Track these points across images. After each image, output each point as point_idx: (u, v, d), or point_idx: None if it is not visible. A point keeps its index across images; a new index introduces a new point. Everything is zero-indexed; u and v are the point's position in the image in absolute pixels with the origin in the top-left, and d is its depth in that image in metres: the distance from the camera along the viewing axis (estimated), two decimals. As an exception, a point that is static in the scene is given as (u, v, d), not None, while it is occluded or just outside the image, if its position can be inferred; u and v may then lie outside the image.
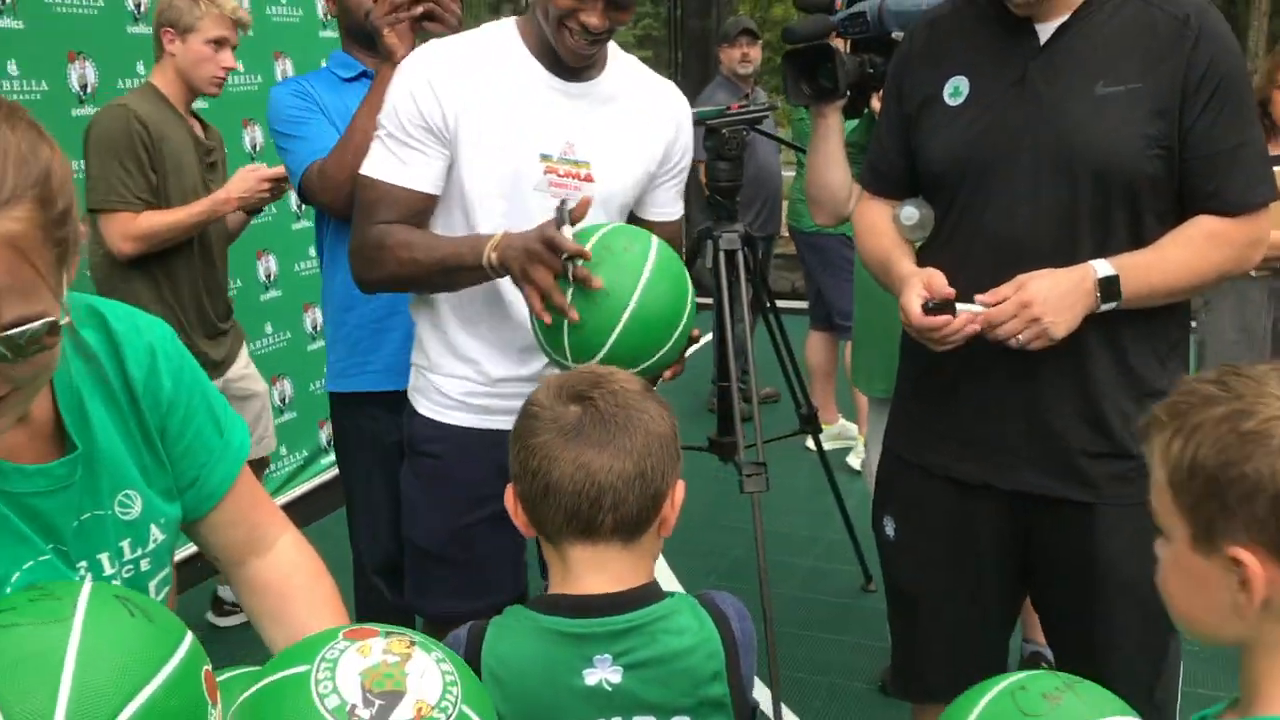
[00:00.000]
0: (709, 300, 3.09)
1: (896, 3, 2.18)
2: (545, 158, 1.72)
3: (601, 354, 1.51)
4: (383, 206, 1.72)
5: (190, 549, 1.33)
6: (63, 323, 0.93)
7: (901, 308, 1.65)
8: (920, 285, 1.62)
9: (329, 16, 4.21)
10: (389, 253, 1.70)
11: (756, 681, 2.61)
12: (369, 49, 2.39)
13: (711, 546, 3.67)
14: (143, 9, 3.40)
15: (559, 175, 1.73)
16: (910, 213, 1.76)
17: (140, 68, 3.40)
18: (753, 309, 3.02)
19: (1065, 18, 1.63)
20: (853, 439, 4.61)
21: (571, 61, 1.70)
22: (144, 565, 1.16)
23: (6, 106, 0.92)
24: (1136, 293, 1.58)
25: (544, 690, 1.12)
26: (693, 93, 7.22)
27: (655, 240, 1.59)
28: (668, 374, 1.62)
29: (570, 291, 1.52)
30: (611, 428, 1.13)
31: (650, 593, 1.17)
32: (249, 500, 1.29)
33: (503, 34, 1.76)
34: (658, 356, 1.56)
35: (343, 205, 2.21)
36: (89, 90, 3.22)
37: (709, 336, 5.60)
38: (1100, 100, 1.59)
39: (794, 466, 4.08)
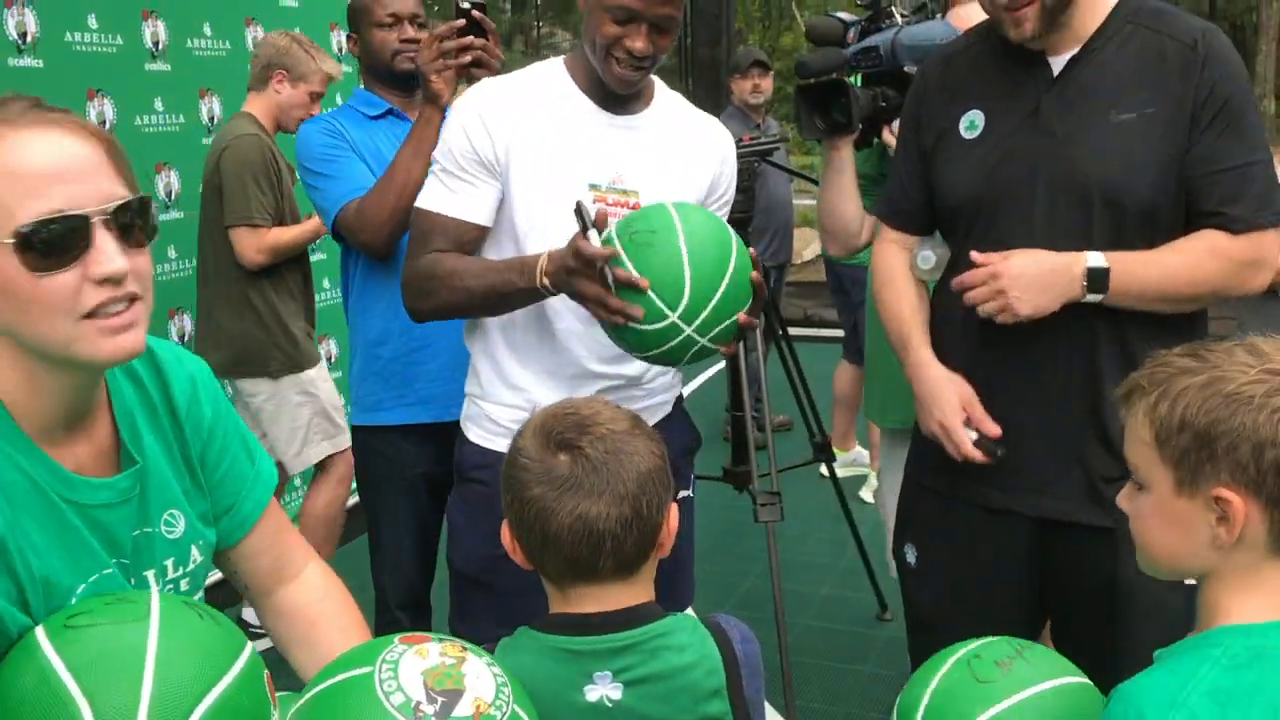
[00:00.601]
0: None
1: (910, 36, 2.20)
2: (594, 187, 1.76)
3: (688, 292, 1.50)
4: (434, 236, 1.77)
5: (214, 575, 1.36)
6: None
7: (940, 425, 1.71)
8: (962, 413, 1.70)
9: (342, 52, 4.27)
10: (440, 281, 1.74)
11: (772, 711, 2.60)
12: (391, 87, 2.44)
13: (727, 575, 3.66)
14: (160, 47, 3.46)
15: (608, 204, 1.76)
16: (927, 255, 1.80)
17: (159, 104, 3.45)
18: (765, 338, 3.03)
19: (1076, 50, 1.66)
20: (865, 468, 4.59)
21: (619, 89, 1.74)
22: (184, 585, 1.21)
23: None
24: (1126, 289, 1.61)
25: (546, 707, 1.14)
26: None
27: (668, 202, 1.61)
28: (741, 315, 1.59)
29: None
30: (604, 473, 1.14)
31: (650, 611, 1.19)
32: (276, 529, 1.34)
33: (551, 71, 1.82)
34: (730, 279, 1.54)
35: (382, 244, 2.26)
36: (107, 127, 3.27)
37: (721, 364, 5.62)
38: (1114, 128, 1.61)
39: (808, 495, 4.07)
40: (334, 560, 3.36)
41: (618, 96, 1.78)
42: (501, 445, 1.82)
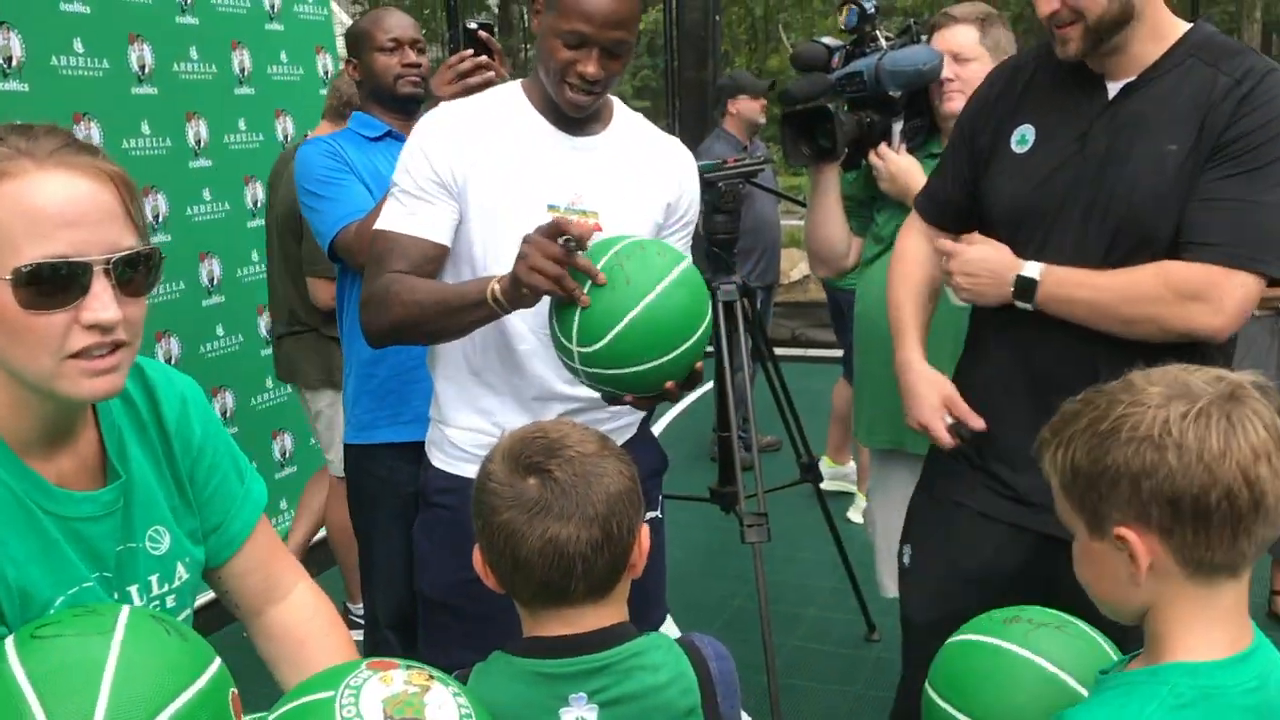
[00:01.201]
0: (709, 349, 3.10)
1: (893, 61, 2.22)
2: (553, 208, 1.75)
3: (606, 339, 1.50)
4: (393, 256, 1.76)
5: (207, 595, 1.37)
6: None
7: (920, 424, 1.81)
8: (943, 409, 1.78)
9: (329, 75, 4.29)
10: (394, 298, 1.72)
11: (760, 734, 2.60)
12: (391, 110, 2.47)
13: (713, 597, 3.65)
14: (147, 70, 3.46)
15: None
16: None
17: (145, 127, 3.45)
18: (752, 358, 3.03)
19: (1133, 77, 1.65)
20: (851, 485, 4.59)
21: (572, 112, 1.75)
22: (169, 602, 1.22)
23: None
24: (1054, 301, 1.66)
25: None
26: (690, 143, 7.31)
27: (688, 258, 1.61)
28: (670, 383, 1.59)
29: (587, 286, 1.51)
30: (573, 497, 1.14)
31: (623, 631, 1.19)
32: (267, 548, 1.35)
33: (509, 94, 1.83)
34: (658, 363, 1.53)
35: None
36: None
37: (709, 385, 5.62)
38: (1157, 160, 1.61)
39: (795, 515, 4.07)
40: (321, 582, 3.33)
41: (574, 118, 1.78)
42: (465, 470, 1.84)
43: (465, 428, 1.85)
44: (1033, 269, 1.66)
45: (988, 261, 1.71)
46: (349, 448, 2.50)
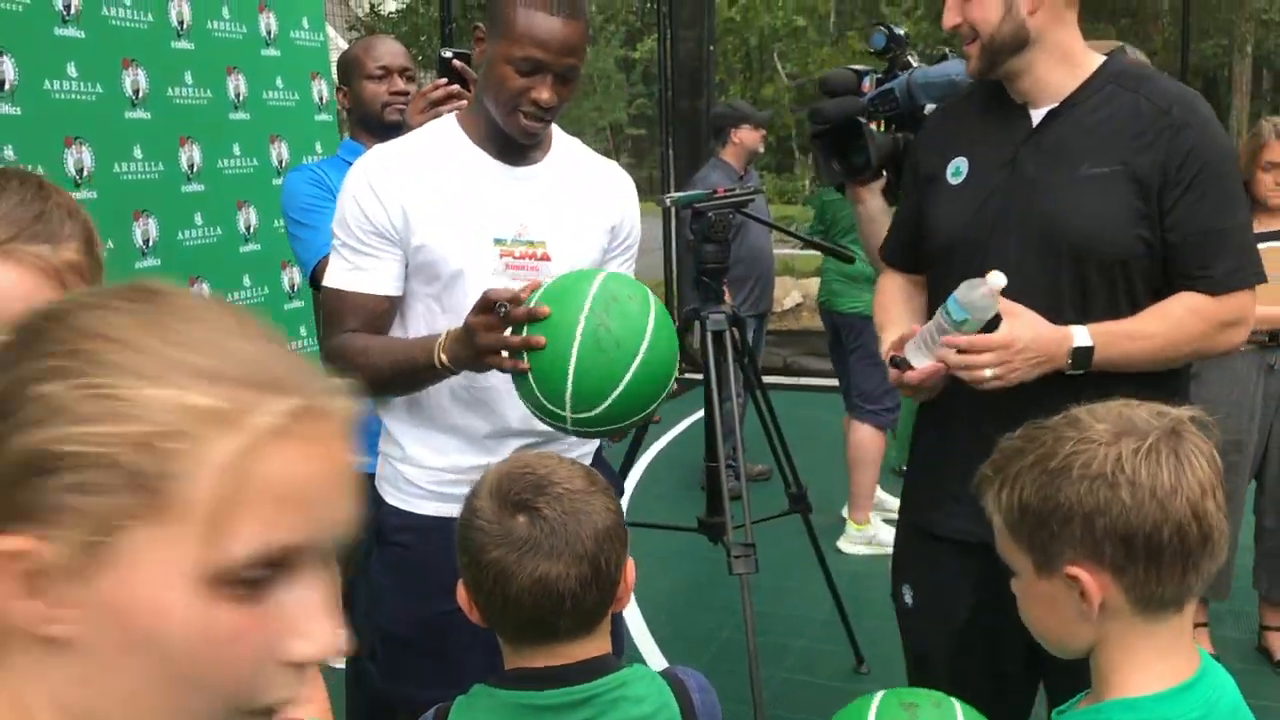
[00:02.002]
0: (698, 376, 3.10)
1: (924, 75, 2.18)
2: (499, 241, 1.74)
3: (604, 405, 1.49)
4: (345, 315, 1.76)
5: None
6: None
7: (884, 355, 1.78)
8: (893, 339, 1.77)
9: (324, 101, 4.30)
10: (351, 363, 1.72)
11: (747, 768, 2.57)
12: (379, 137, 2.45)
13: (700, 628, 3.63)
14: (140, 94, 3.47)
15: (515, 257, 1.75)
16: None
17: (138, 151, 3.45)
18: (744, 387, 3.03)
19: (1056, 104, 1.72)
20: (880, 548, 4.30)
21: (524, 140, 1.73)
22: None
23: (36, 177, 1.04)
24: (1108, 361, 1.65)
25: None
26: (682, 171, 7.36)
27: (646, 289, 1.60)
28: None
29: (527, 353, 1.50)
30: (562, 534, 1.14)
31: (607, 663, 1.20)
32: None
33: (444, 128, 1.80)
34: (650, 409, 1.56)
35: None
36: (85, 174, 3.28)
37: (698, 414, 5.60)
38: (1083, 182, 1.67)
39: (784, 545, 4.05)
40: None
41: (516, 148, 1.76)
42: (421, 507, 1.83)
43: (421, 465, 1.82)
44: (1082, 335, 1.64)
45: (1040, 341, 1.63)
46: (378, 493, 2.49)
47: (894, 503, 4.58)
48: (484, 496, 1.19)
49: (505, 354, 1.53)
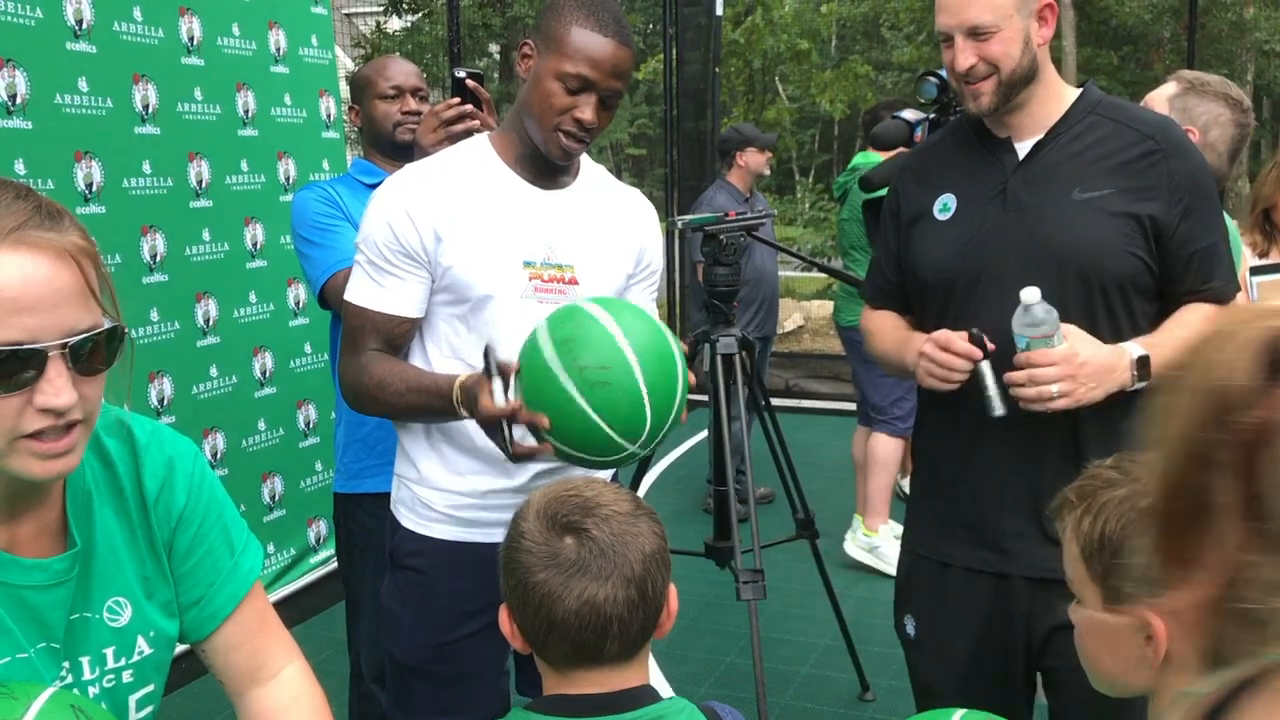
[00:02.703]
0: (702, 398, 3.09)
1: None
2: (529, 264, 1.73)
3: (651, 417, 1.50)
4: (365, 334, 1.75)
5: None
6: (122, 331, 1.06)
7: (935, 341, 1.70)
8: (917, 344, 1.77)
9: (332, 118, 4.31)
10: (368, 395, 1.74)
11: (754, 797, 2.55)
12: (391, 157, 2.47)
13: (707, 653, 3.60)
14: (150, 110, 3.47)
15: (544, 280, 1.74)
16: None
17: (147, 167, 3.45)
18: (749, 409, 3.01)
19: (1041, 135, 1.77)
20: (884, 564, 4.27)
21: (560, 159, 1.73)
22: (126, 677, 1.16)
23: (15, 182, 1.04)
24: (1157, 374, 1.67)
25: None
26: (686, 191, 7.38)
27: (603, 314, 1.55)
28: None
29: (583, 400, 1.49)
30: (611, 556, 1.13)
31: (647, 694, 1.18)
32: (256, 625, 1.28)
33: (477, 150, 1.80)
34: (680, 387, 1.54)
35: None
36: (95, 189, 3.27)
37: (703, 434, 5.59)
38: (1077, 206, 1.72)
39: (790, 569, 4.03)
40: (300, 633, 3.29)
41: (548, 170, 1.76)
42: (437, 531, 1.82)
43: (438, 488, 1.81)
44: (1135, 348, 1.68)
45: (1100, 355, 1.64)
46: (338, 497, 2.47)
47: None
48: (531, 519, 1.18)
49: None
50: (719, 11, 7.79)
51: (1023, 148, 1.77)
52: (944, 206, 1.82)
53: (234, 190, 3.83)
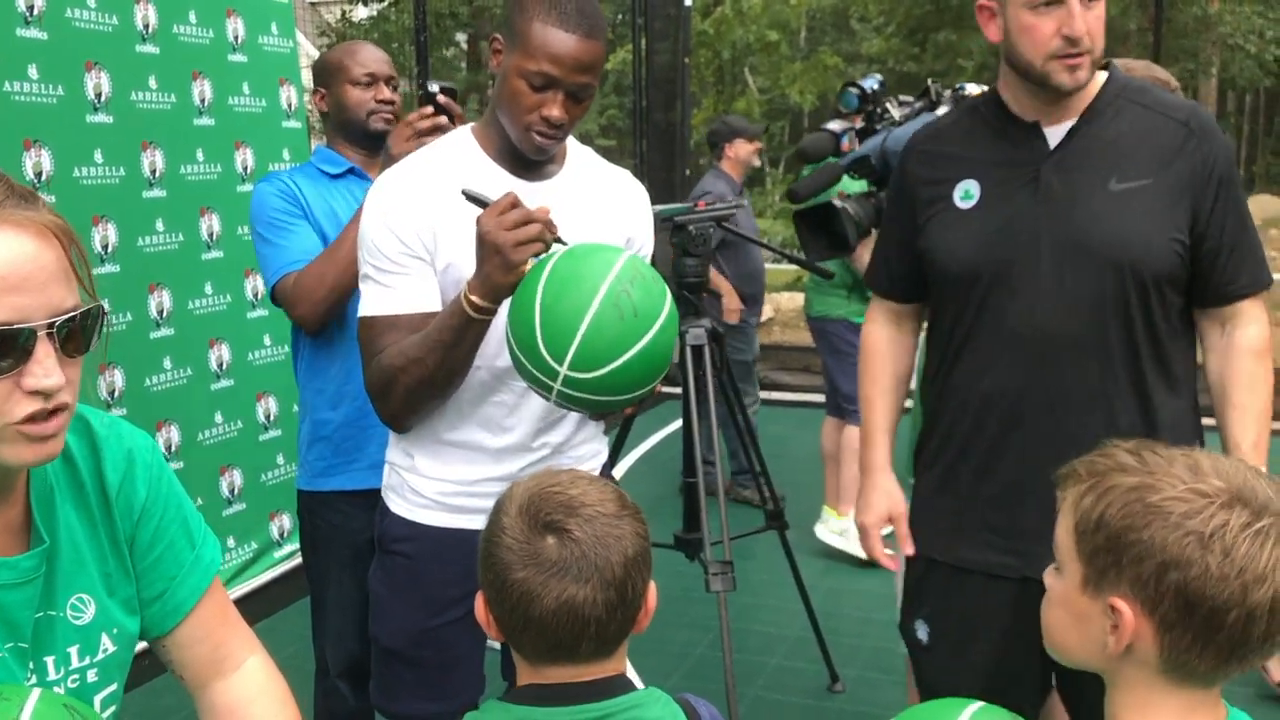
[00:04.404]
0: (674, 390, 3.06)
1: (896, 141, 2.19)
2: None
3: (606, 369, 1.46)
4: (384, 340, 1.70)
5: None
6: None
7: (863, 527, 1.94)
8: (886, 523, 1.89)
9: (293, 108, 4.23)
10: (392, 370, 1.67)
11: (722, 791, 2.52)
12: (358, 144, 2.41)
13: (676, 644, 3.58)
14: (103, 98, 3.39)
15: None
16: None
17: (98, 156, 3.37)
18: (718, 402, 2.98)
19: (1072, 122, 1.70)
20: (853, 548, 4.36)
21: (534, 155, 1.71)
22: (90, 676, 1.13)
23: None
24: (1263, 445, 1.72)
25: None
26: (657, 182, 7.34)
27: (667, 284, 1.59)
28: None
29: (540, 294, 1.48)
30: (592, 559, 1.11)
31: (621, 683, 1.18)
32: (217, 618, 1.26)
33: (461, 143, 1.78)
34: (635, 395, 1.53)
35: (316, 320, 2.23)
36: (44, 178, 3.20)
37: (677, 424, 5.56)
38: (1113, 196, 1.66)
39: (757, 561, 4.01)
40: (264, 629, 3.24)
41: (531, 162, 1.74)
42: (426, 517, 1.82)
43: (430, 476, 1.80)
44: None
45: None
46: (302, 494, 2.42)
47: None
48: (513, 514, 1.15)
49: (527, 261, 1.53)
50: (688, 2, 7.77)
51: (1052, 133, 1.70)
52: (966, 194, 1.74)
53: (189, 180, 3.75)
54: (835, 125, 2.40)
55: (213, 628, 1.25)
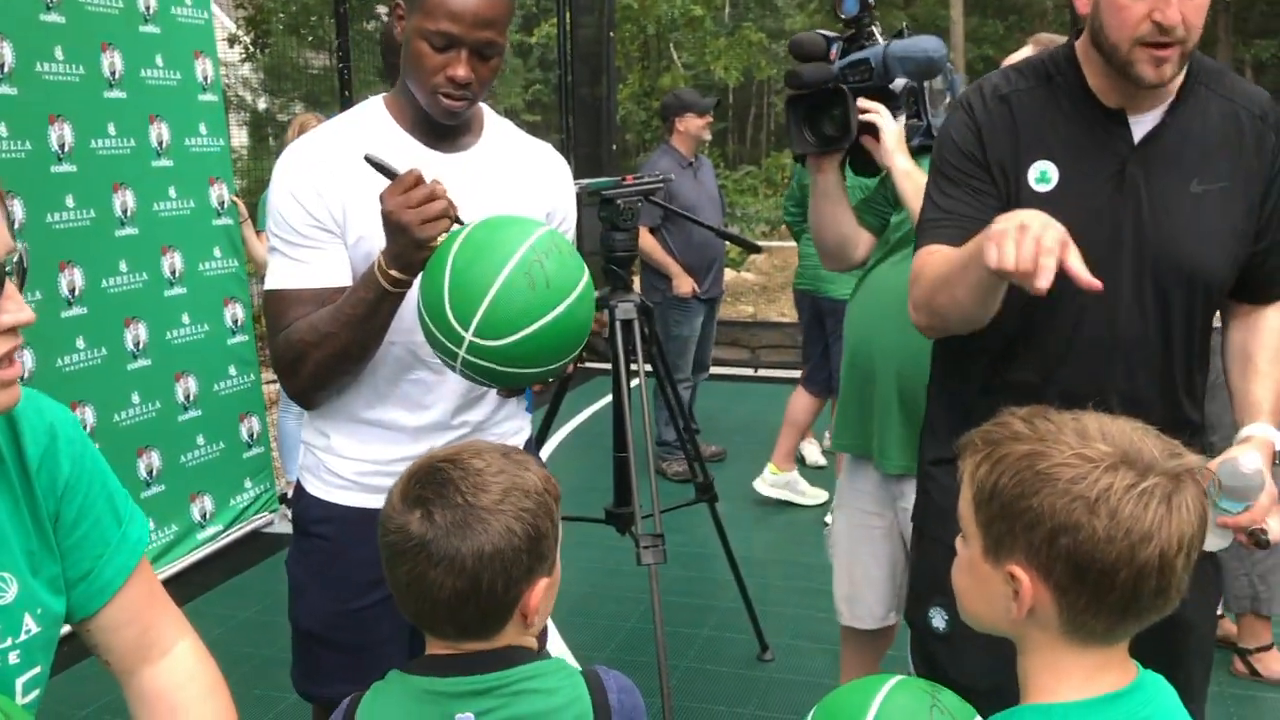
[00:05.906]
0: (606, 366, 3.06)
1: (902, 48, 2.11)
2: None
3: (512, 338, 1.44)
4: (293, 313, 1.66)
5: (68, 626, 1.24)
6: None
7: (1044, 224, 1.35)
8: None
9: (209, 81, 4.12)
10: (300, 345, 1.63)
11: (655, 760, 2.55)
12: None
13: (607, 618, 3.60)
14: (6, 69, 3.26)
15: None
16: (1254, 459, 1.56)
17: (3, 129, 3.24)
18: (648, 376, 2.99)
19: (1159, 112, 1.59)
20: (798, 495, 4.66)
21: (445, 120, 1.67)
22: (12, 659, 1.09)
23: None
24: None
25: None
26: (582, 160, 7.29)
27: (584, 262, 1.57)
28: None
29: (451, 260, 1.46)
30: (444, 544, 1.10)
31: (517, 654, 1.17)
32: (146, 599, 1.22)
33: (371, 114, 1.73)
34: (544, 369, 1.52)
35: None
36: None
37: (607, 399, 5.56)
38: (1193, 201, 1.58)
39: (687, 534, 4.05)
40: (190, 611, 3.19)
41: (445, 131, 1.70)
42: (342, 498, 1.79)
43: (347, 456, 1.77)
44: (1274, 434, 1.59)
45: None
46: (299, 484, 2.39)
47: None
48: (401, 480, 1.17)
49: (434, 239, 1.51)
50: (612, -25, 7.70)
51: (1137, 124, 1.58)
52: (1043, 176, 1.62)
53: (100, 155, 3.63)
54: (827, 32, 2.34)
55: (140, 609, 1.21)
